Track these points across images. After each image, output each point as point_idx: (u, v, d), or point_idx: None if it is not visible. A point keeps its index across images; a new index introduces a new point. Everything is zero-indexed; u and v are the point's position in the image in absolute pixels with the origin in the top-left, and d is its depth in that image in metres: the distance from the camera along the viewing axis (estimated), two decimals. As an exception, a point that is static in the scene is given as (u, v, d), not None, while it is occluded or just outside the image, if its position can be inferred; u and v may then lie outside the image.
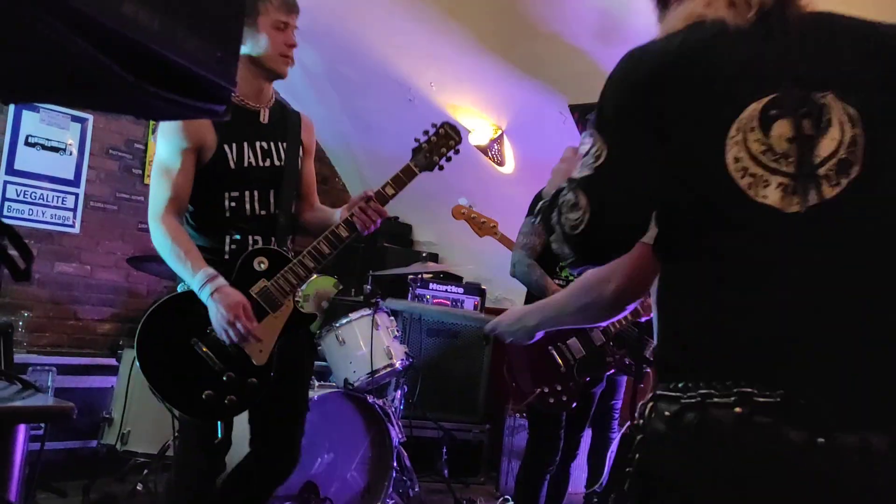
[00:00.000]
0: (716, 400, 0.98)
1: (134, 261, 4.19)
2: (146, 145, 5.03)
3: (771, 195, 1.02)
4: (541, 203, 1.27)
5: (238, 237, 2.22)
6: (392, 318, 3.82)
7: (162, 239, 2.12)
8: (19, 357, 3.75)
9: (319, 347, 3.77)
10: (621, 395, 3.51)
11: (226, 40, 0.86)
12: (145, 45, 0.77)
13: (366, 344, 3.58)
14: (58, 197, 4.60)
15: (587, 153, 1.13)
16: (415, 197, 2.85)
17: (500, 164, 5.04)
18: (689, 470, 1.01)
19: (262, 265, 2.21)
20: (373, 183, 5.90)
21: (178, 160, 2.14)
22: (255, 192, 2.25)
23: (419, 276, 4.74)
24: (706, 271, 1.07)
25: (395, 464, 3.56)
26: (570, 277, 3.17)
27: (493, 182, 5.15)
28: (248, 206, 2.24)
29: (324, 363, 3.85)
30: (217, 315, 2.08)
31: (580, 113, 4.41)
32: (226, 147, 2.19)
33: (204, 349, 2.13)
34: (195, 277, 2.09)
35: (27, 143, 4.47)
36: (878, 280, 1.02)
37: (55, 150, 4.59)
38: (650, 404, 1.08)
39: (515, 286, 3.13)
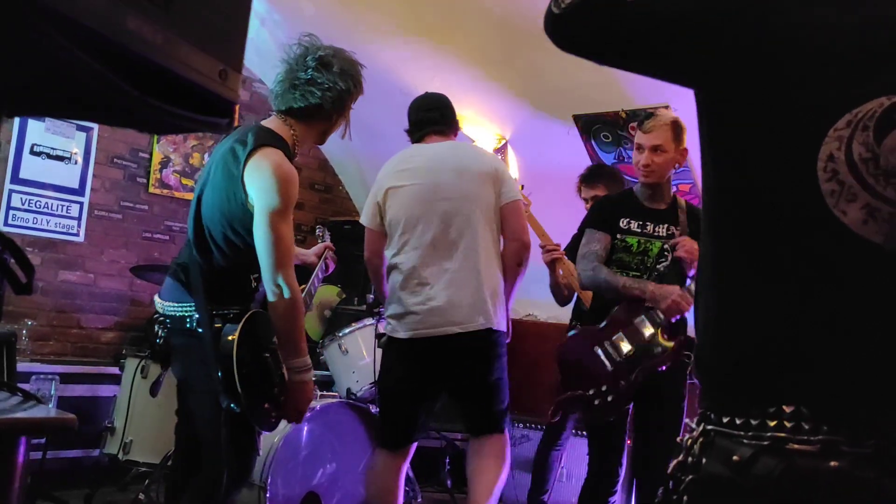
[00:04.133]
0: (796, 447, 0.84)
1: (137, 270, 4.19)
2: (151, 154, 5.04)
3: (851, 213, 0.85)
4: None
5: (256, 275, 2.31)
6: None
7: (294, 304, 2.20)
8: (23, 366, 3.75)
9: (322, 357, 3.77)
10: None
11: (229, 55, 0.86)
12: (149, 59, 0.77)
13: (369, 353, 3.58)
14: (62, 206, 4.61)
15: None
16: (419, 206, 2.87)
17: (504, 173, 5.04)
18: None
19: None
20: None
21: (292, 214, 2.25)
22: None
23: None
24: (774, 281, 0.90)
25: (397, 474, 3.54)
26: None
27: (496, 192, 5.14)
28: None
29: (326, 373, 3.85)
30: (300, 399, 2.28)
31: (584, 123, 4.41)
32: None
33: (272, 363, 2.28)
34: (302, 358, 2.26)
35: (32, 152, 4.48)
36: None
37: (60, 158, 4.60)
38: (700, 440, 0.93)
39: (518, 295, 3.11)
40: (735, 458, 0.87)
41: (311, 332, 4.81)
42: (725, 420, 0.90)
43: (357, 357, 3.61)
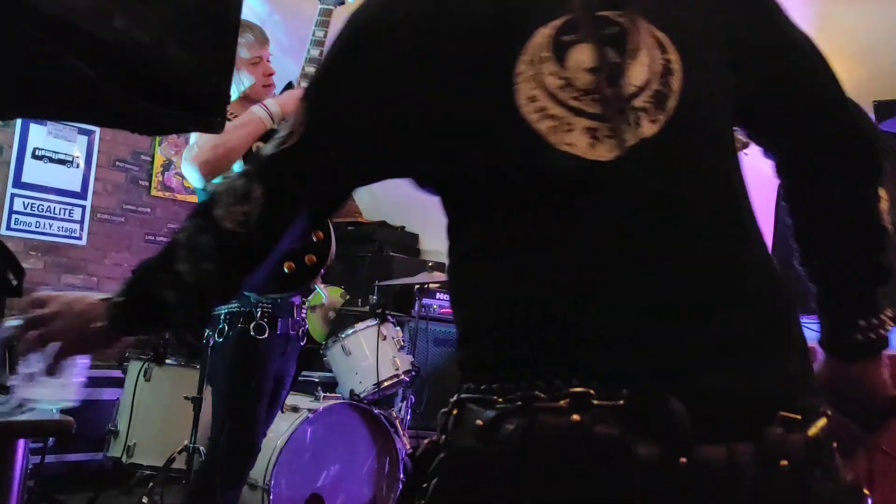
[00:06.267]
0: (543, 404, 0.74)
1: (140, 272, 4.19)
2: (153, 157, 5.05)
3: (577, 142, 0.81)
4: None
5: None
6: (398, 328, 3.81)
7: (206, 150, 2.18)
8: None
9: (325, 358, 3.76)
10: None
11: (220, 53, 0.86)
12: (137, 58, 0.76)
13: (372, 355, 3.57)
14: (65, 209, 4.61)
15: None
16: (422, 206, 2.86)
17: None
18: (508, 499, 0.74)
19: None
20: (374, 191, 5.91)
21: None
22: None
23: (426, 286, 4.74)
24: (506, 241, 0.85)
25: (401, 475, 3.54)
26: None
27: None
28: None
29: (329, 374, 3.84)
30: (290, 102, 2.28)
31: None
32: None
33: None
34: (261, 112, 2.25)
35: (34, 156, 4.49)
36: (723, 239, 0.83)
37: (62, 162, 4.61)
38: (454, 411, 0.82)
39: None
40: (478, 422, 0.77)
41: (315, 333, 4.81)
42: (482, 388, 0.80)
43: (360, 358, 3.61)
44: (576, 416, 0.72)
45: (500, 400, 0.77)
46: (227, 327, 2.38)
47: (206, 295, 0.95)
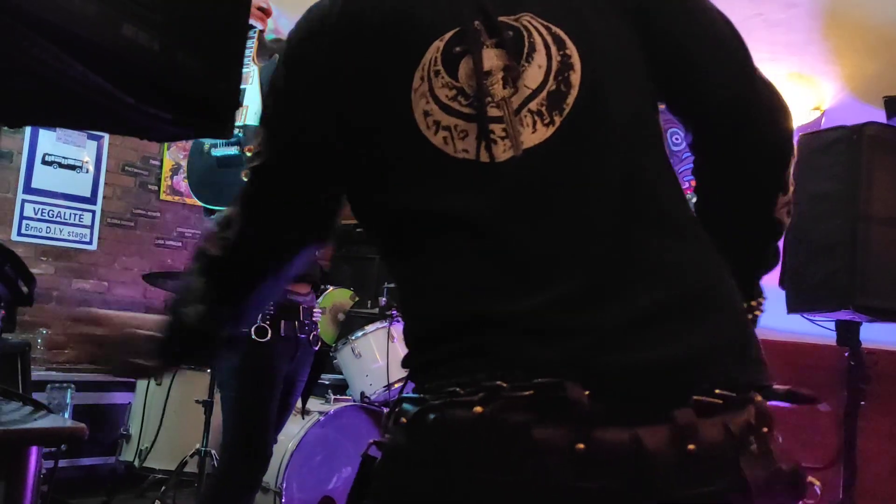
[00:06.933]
0: (459, 398, 0.75)
1: (150, 277, 4.21)
2: (161, 161, 5.06)
3: (471, 147, 0.84)
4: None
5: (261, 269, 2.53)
6: (408, 330, 3.81)
7: None
8: (38, 374, 3.77)
9: (335, 361, 3.77)
10: None
11: (227, 60, 0.86)
12: (146, 65, 0.76)
13: (382, 356, 3.57)
14: (75, 214, 4.63)
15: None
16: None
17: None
18: (428, 494, 0.76)
19: None
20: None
21: None
22: None
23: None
24: (424, 255, 0.87)
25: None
26: None
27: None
28: None
29: (340, 376, 3.85)
30: None
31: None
32: None
33: None
34: None
35: (44, 162, 4.51)
36: (628, 227, 0.82)
37: (72, 167, 4.63)
38: (395, 410, 0.83)
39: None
40: (402, 420, 0.79)
41: (325, 336, 4.81)
42: (419, 387, 0.82)
43: (370, 360, 3.61)
44: (478, 409, 0.73)
45: (432, 397, 0.78)
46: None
47: (208, 330, 1.05)
